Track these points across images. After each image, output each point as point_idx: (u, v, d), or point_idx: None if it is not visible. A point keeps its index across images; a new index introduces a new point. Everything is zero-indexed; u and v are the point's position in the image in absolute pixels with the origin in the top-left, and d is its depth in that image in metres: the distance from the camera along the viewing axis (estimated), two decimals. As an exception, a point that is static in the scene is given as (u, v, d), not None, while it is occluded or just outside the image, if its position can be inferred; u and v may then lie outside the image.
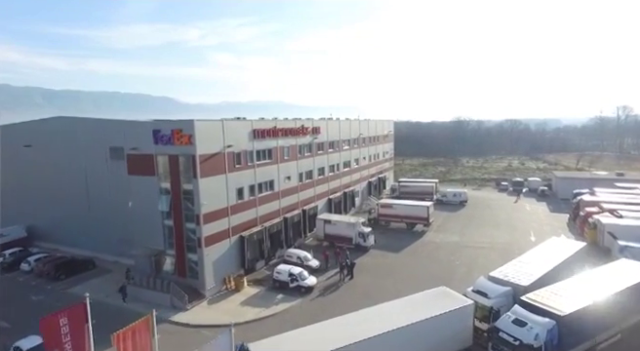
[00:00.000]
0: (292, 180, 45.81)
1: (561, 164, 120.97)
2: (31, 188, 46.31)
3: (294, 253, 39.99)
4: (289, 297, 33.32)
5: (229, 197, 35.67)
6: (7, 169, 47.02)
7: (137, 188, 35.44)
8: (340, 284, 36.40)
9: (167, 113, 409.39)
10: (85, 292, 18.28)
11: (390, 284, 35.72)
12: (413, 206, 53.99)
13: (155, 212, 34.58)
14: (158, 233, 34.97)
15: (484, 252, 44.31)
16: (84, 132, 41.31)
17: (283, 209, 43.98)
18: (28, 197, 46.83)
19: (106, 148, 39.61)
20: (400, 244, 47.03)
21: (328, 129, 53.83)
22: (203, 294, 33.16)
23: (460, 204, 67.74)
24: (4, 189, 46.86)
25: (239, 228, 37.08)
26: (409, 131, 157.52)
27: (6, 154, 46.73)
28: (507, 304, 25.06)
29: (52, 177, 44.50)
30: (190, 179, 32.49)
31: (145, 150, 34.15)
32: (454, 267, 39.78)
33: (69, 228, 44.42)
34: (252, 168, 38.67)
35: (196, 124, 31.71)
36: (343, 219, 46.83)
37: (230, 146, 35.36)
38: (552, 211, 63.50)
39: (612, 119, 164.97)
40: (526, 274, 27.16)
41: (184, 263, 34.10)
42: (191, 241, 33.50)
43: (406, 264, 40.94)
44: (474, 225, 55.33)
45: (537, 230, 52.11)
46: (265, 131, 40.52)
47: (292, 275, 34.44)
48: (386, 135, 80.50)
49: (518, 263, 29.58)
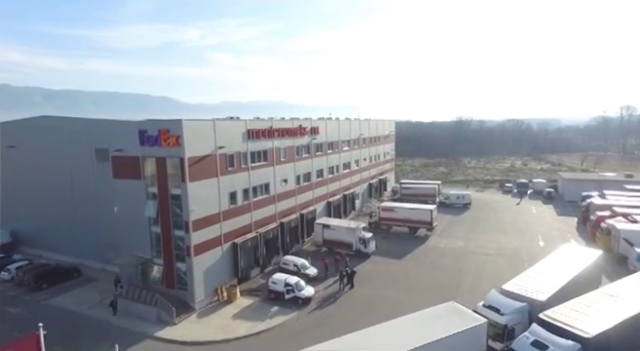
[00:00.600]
0: (289, 183, 43.57)
1: (564, 164, 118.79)
2: (16, 191, 43.93)
3: (290, 261, 37.78)
4: (285, 310, 31.08)
5: (221, 202, 33.42)
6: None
7: (122, 193, 33.23)
8: (340, 294, 34.18)
9: (166, 113, 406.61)
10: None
11: (393, 294, 33.55)
12: (416, 209, 51.73)
13: (142, 218, 32.36)
14: (145, 241, 32.73)
15: (491, 258, 42.12)
16: (69, 132, 38.96)
17: (279, 213, 41.74)
18: (13, 200, 44.38)
19: (92, 150, 37.34)
20: (402, 249, 44.81)
21: (327, 129, 51.62)
22: (192, 307, 30.89)
23: (463, 206, 65.57)
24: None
25: (232, 235, 34.84)
26: (409, 131, 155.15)
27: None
28: (523, 322, 22.93)
29: (37, 180, 42.19)
30: (179, 184, 30.25)
31: (131, 152, 31.91)
32: (460, 275, 37.56)
33: (55, 233, 42.12)
34: (246, 170, 36.43)
35: (184, 124, 29.45)
36: (343, 224, 44.58)
37: (222, 148, 33.12)
38: (560, 214, 61.27)
39: (614, 119, 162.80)
40: (541, 287, 24.93)
41: (173, 273, 31.83)
42: (180, 249, 31.21)
43: (409, 272, 38.72)
44: (479, 229, 53.12)
45: (545, 235, 49.92)
46: (260, 131, 38.28)
47: (288, 285, 32.21)
48: (387, 135, 78.27)
49: (531, 275, 27.36)
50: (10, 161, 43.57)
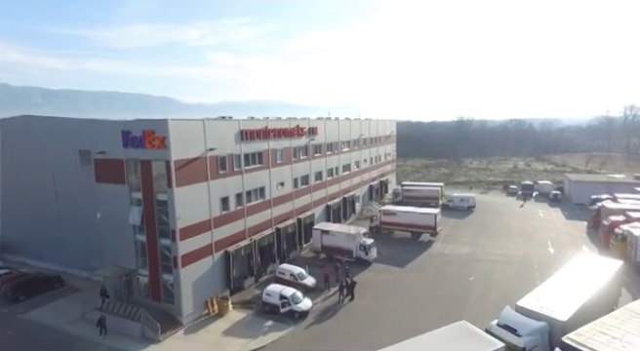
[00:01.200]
0: (285, 187, 41.27)
1: (568, 165, 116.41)
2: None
3: (287, 270, 35.43)
4: (280, 325, 28.79)
5: (212, 208, 31.10)
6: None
7: (105, 198, 30.99)
8: (339, 306, 31.87)
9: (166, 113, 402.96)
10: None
11: (396, 306, 31.30)
12: (419, 213, 49.42)
13: (126, 225, 30.06)
14: (129, 250, 30.45)
15: (499, 266, 39.81)
16: (52, 132, 36.62)
17: (275, 219, 39.42)
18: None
19: (76, 151, 34.97)
20: (405, 256, 42.51)
21: (326, 129, 49.28)
22: (180, 322, 28.57)
23: (467, 209, 63.31)
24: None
25: (224, 243, 32.53)
26: (409, 131, 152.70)
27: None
28: (543, 344, 20.71)
29: (19, 183, 39.75)
30: (165, 189, 27.93)
31: (114, 155, 29.64)
32: (467, 285, 35.28)
33: (39, 240, 39.71)
34: (239, 174, 34.12)
35: (171, 124, 27.13)
36: (343, 230, 42.24)
37: (213, 149, 30.81)
38: (568, 217, 58.98)
39: (616, 119, 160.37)
40: (561, 304, 22.61)
41: (159, 285, 29.54)
42: (166, 259, 28.92)
43: (413, 282, 36.40)
44: (485, 234, 50.83)
45: (554, 240, 47.64)
46: (255, 131, 35.96)
47: (283, 298, 29.89)
48: (389, 135, 75.96)
49: (548, 288, 25.05)
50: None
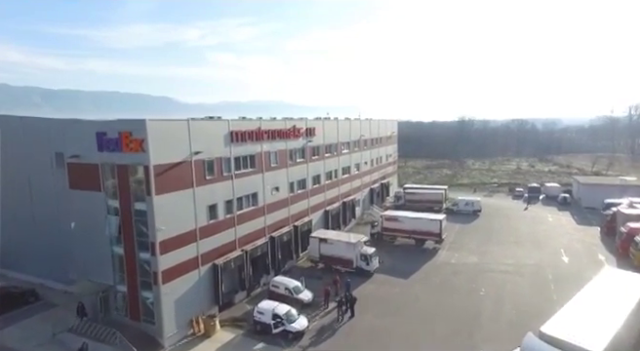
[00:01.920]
0: (281, 192, 38.41)
1: (573, 166, 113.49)
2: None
3: (281, 283, 32.58)
4: (272, 347, 26.00)
5: (198, 217, 28.24)
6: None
7: (80, 206, 28.21)
8: (338, 325, 29.02)
9: (166, 113, 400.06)
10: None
11: (400, 326, 28.46)
12: (423, 219, 46.51)
13: (102, 237, 27.24)
14: (106, 264, 27.65)
15: (511, 277, 36.98)
16: (26, 133, 33.70)
17: (269, 226, 36.59)
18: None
19: (52, 154, 32.07)
20: (409, 266, 39.65)
21: (324, 130, 46.44)
22: (161, 344, 25.74)
23: (473, 214, 60.43)
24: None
25: (212, 255, 29.67)
26: (410, 131, 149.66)
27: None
28: (573, 380, 17.80)
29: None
30: (144, 197, 25.09)
31: (88, 158, 26.83)
32: (478, 300, 32.46)
33: (14, 249, 36.82)
34: (229, 179, 31.29)
35: (149, 124, 24.27)
36: (342, 238, 39.36)
37: (199, 153, 27.97)
38: (579, 222, 56.12)
39: (619, 119, 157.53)
40: (592, 331, 19.70)
41: (138, 303, 26.70)
42: (146, 275, 26.06)
43: (418, 295, 33.55)
44: (493, 241, 47.99)
45: (567, 248, 44.79)
46: (247, 133, 33.14)
47: (277, 317, 27.06)
48: (390, 136, 73.10)
49: (574, 310, 22.15)
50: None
